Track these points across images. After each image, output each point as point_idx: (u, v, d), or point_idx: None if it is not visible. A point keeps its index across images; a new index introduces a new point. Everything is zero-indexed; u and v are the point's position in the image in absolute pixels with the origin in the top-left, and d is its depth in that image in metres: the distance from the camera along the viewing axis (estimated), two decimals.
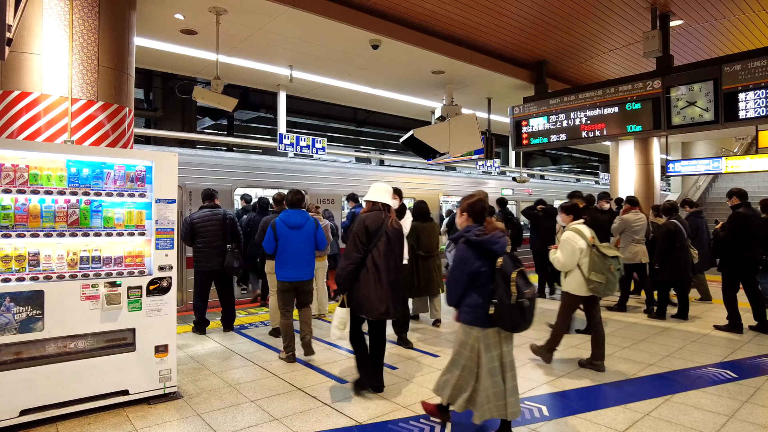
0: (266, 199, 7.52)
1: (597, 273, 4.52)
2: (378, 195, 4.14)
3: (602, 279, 4.51)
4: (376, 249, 3.90)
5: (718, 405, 3.91)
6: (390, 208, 4.12)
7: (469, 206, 3.31)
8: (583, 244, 4.61)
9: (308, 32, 6.74)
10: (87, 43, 4.54)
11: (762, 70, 5.98)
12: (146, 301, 3.93)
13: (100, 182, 3.85)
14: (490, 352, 3.19)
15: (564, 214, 4.96)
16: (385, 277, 3.89)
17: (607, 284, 4.53)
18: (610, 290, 4.61)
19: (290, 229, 4.98)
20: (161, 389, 3.97)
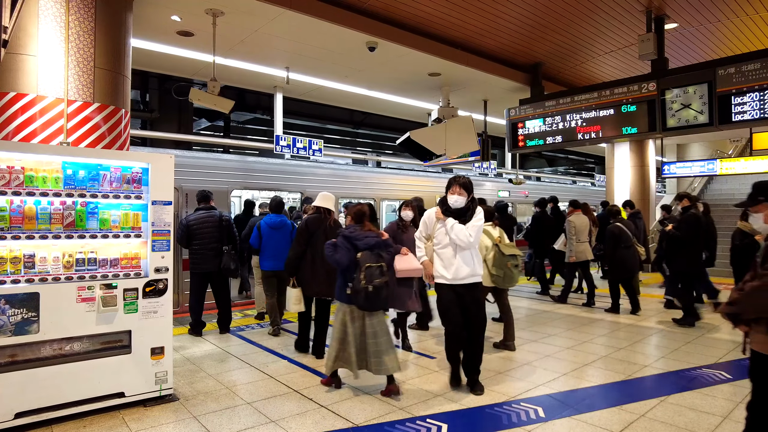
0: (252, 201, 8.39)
1: (497, 268, 5.23)
2: (322, 202, 5.19)
3: (501, 273, 5.24)
4: (314, 244, 4.95)
5: (712, 406, 3.93)
6: (330, 211, 5.16)
7: (353, 213, 4.36)
8: (489, 243, 5.33)
9: (305, 34, 6.74)
10: (83, 45, 4.53)
11: (755, 73, 6.02)
12: (142, 303, 3.92)
13: (96, 184, 3.84)
14: (354, 323, 4.11)
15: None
16: (320, 266, 4.91)
17: (504, 278, 5.26)
18: (508, 283, 5.33)
19: (271, 229, 6.16)
20: (157, 391, 3.96)
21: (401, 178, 11.39)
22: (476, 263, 4.19)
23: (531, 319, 7.22)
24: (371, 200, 10.75)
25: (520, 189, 14.09)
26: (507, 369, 4.87)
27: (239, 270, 6.44)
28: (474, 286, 4.17)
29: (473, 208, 4.15)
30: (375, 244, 4.13)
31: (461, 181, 4.14)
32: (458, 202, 4.12)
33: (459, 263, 4.10)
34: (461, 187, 4.12)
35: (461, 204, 4.12)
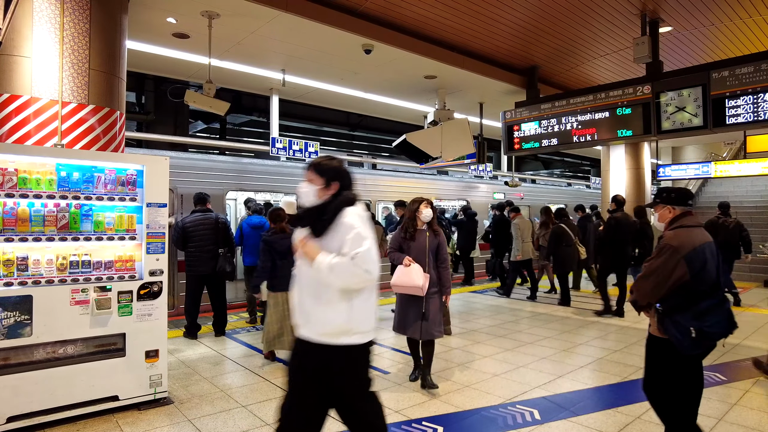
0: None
1: None
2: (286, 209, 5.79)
3: None
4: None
5: (707, 408, 3.94)
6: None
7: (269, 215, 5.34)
8: None
9: (301, 36, 6.74)
10: (78, 47, 4.51)
11: (749, 76, 6.06)
12: (137, 306, 3.90)
13: (91, 186, 3.82)
14: (277, 307, 5.05)
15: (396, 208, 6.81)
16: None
17: None
18: None
19: (252, 228, 6.77)
20: (152, 395, 3.94)
21: (397, 181, 11.39)
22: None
23: (527, 321, 7.23)
24: (367, 202, 10.75)
25: (516, 191, 14.12)
26: (503, 371, 4.87)
27: (235, 273, 6.42)
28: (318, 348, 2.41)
29: (333, 208, 2.39)
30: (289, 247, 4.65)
31: (315, 163, 2.50)
32: (308, 197, 2.45)
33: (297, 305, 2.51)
34: (314, 170, 2.46)
35: (311, 200, 2.45)
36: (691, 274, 2.70)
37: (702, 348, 2.73)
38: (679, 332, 2.69)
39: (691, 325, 2.67)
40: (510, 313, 7.79)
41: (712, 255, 2.80)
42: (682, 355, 2.72)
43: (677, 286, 2.73)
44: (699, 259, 2.73)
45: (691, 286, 2.73)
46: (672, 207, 2.97)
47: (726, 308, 2.78)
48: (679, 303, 2.75)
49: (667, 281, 2.74)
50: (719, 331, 2.72)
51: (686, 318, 2.70)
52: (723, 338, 2.75)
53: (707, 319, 2.68)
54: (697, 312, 2.70)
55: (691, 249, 2.73)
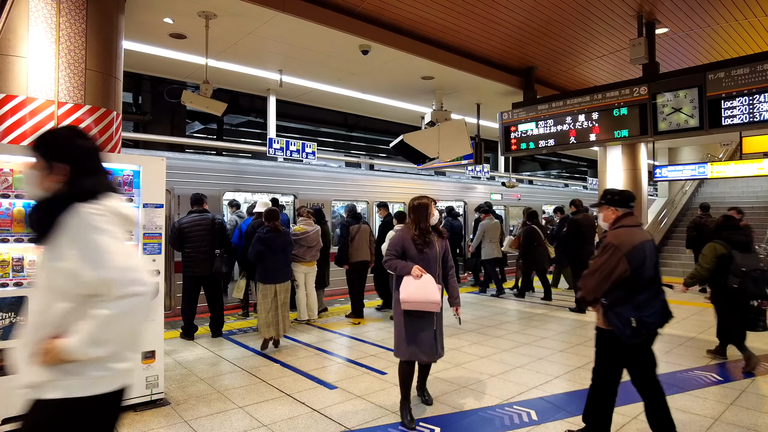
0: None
1: None
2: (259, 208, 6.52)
3: None
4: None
5: (704, 408, 3.95)
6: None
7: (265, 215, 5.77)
8: None
9: (298, 37, 6.74)
10: (74, 47, 4.49)
11: (745, 77, 6.08)
12: None
13: None
14: (266, 298, 5.57)
15: (396, 220, 6.89)
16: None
17: None
18: None
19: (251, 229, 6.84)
20: (148, 396, 3.93)
21: (394, 181, 11.40)
22: None
23: (524, 322, 7.24)
24: (364, 202, 10.75)
25: (513, 192, 14.14)
26: (500, 372, 4.87)
27: (232, 273, 6.41)
28: None
29: (57, 204, 1.74)
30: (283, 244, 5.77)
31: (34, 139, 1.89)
32: (31, 188, 1.83)
33: None
34: (33, 148, 1.82)
35: (34, 192, 1.81)
36: (632, 269, 2.98)
37: (641, 337, 3.01)
38: (621, 323, 2.99)
39: (631, 316, 2.97)
40: (507, 314, 7.80)
41: (650, 252, 3.08)
42: (625, 344, 3.03)
43: (619, 281, 3.00)
44: (638, 256, 3.00)
45: (631, 281, 3.00)
46: (615, 208, 3.23)
47: (661, 299, 3.08)
48: (620, 296, 3.02)
49: (611, 277, 3.01)
50: (656, 320, 3.03)
51: (627, 309, 2.99)
52: (660, 327, 3.07)
53: (645, 310, 2.98)
54: (636, 304, 2.99)
55: (632, 247, 3.00)
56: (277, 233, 5.70)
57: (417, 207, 3.80)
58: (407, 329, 3.67)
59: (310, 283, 7.09)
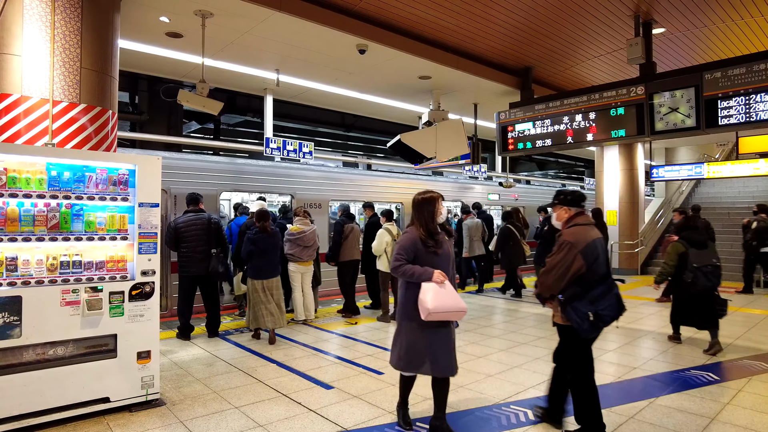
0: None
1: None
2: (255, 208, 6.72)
3: None
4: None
5: (700, 407, 3.95)
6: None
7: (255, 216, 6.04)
8: (389, 238, 6.98)
9: (295, 36, 6.72)
10: (69, 45, 4.47)
11: (741, 77, 6.08)
12: (128, 307, 3.87)
13: (82, 185, 3.79)
14: (255, 293, 5.90)
15: (384, 218, 7.25)
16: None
17: None
18: None
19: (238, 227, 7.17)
20: (143, 396, 3.90)
21: (392, 181, 11.38)
22: None
23: (521, 322, 7.24)
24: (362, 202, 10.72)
25: (510, 192, 14.14)
26: (497, 372, 4.87)
27: (228, 273, 6.38)
28: None
29: None
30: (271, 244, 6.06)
31: None
32: None
33: None
34: None
35: None
36: (587, 265, 3.13)
37: (599, 330, 3.19)
38: (579, 317, 3.12)
39: (588, 310, 3.11)
40: (504, 314, 7.80)
41: (602, 249, 3.25)
42: (582, 338, 3.19)
43: (576, 277, 3.14)
44: (592, 252, 3.16)
45: (586, 277, 3.15)
46: (568, 208, 3.39)
47: (615, 293, 3.22)
48: (577, 292, 3.16)
49: (568, 273, 3.15)
50: (611, 313, 3.16)
51: (584, 304, 3.13)
52: (614, 320, 3.20)
53: (601, 304, 3.13)
54: (592, 298, 3.13)
55: (586, 244, 3.16)
56: (266, 234, 5.99)
57: (422, 203, 3.38)
58: (424, 342, 3.30)
59: (307, 283, 7.07)
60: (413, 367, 3.37)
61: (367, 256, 7.70)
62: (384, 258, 7.05)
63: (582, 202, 3.42)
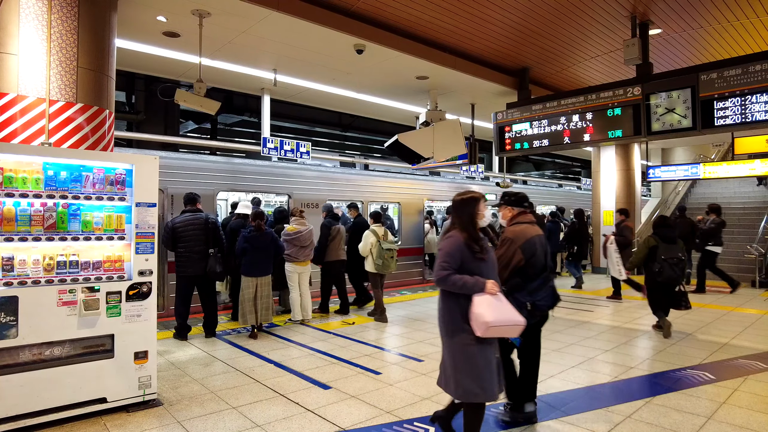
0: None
1: (378, 258, 7.00)
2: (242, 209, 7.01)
3: (380, 262, 6.99)
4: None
5: (696, 406, 3.97)
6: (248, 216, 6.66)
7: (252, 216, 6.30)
8: (374, 239, 7.08)
9: (292, 36, 6.72)
10: (66, 44, 4.45)
11: (737, 78, 6.12)
12: (125, 307, 3.86)
13: (79, 185, 3.78)
14: (248, 289, 6.13)
15: (372, 220, 7.40)
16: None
17: (383, 265, 7.02)
18: (387, 269, 7.08)
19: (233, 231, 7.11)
20: (140, 396, 3.89)
21: (389, 181, 11.38)
22: None
23: None
24: (359, 202, 10.73)
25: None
26: None
27: (225, 273, 6.37)
28: None
29: None
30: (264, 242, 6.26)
31: None
32: None
33: None
34: None
35: None
36: (526, 259, 3.43)
37: (536, 318, 3.51)
38: (518, 306, 3.26)
39: (527, 300, 3.44)
40: None
41: (541, 245, 3.53)
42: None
43: (516, 269, 3.44)
44: (530, 248, 3.46)
45: (525, 270, 3.45)
46: (512, 208, 3.70)
47: (550, 285, 3.56)
48: (517, 283, 3.47)
49: (509, 266, 3.44)
50: (547, 303, 3.52)
51: (523, 295, 3.45)
52: (550, 309, 3.58)
53: (537, 295, 3.47)
54: (530, 290, 3.46)
55: (525, 240, 3.46)
56: (260, 233, 6.22)
57: (461, 204, 3.08)
58: (480, 362, 2.90)
59: (304, 283, 7.07)
60: (474, 395, 2.89)
61: (352, 257, 7.76)
62: (370, 259, 7.14)
63: (524, 202, 3.72)
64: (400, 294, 9.65)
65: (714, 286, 10.35)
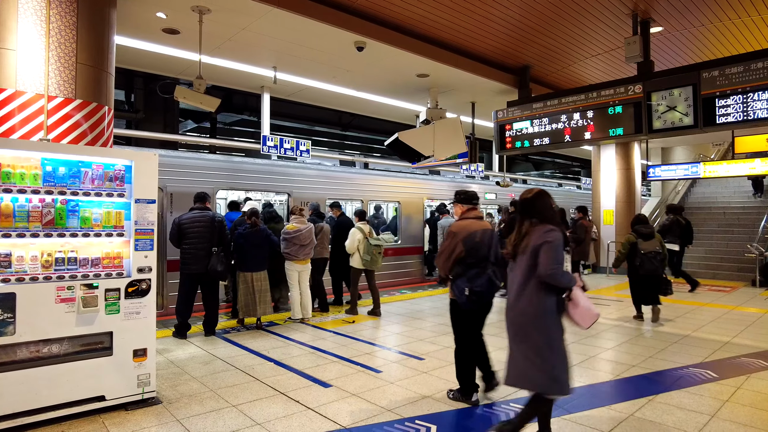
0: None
1: (365, 254, 7.13)
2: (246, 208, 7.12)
3: (368, 258, 7.16)
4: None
5: (700, 404, 3.94)
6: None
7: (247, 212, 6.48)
8: (360, 236, 7.20)
9: (292, 33, 6.69)
10: (64, 40, 4.42)
11: (738, 76, 6.10)
12: (124, 304, 3.82)
13: (77, 181, 3.74)
14: (244, 284, 6.35)
15: (357, 218, 7.54)
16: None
17: (371, 261, 7.16)
18: (373, 265, 7.23)
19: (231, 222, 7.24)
20: (139, 394, 3.86)
21: (389, 180, 11.35)
22: None
23: None
24: (359, 201, 10.70)
25: (507, 191, 14.14)
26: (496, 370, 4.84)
27: (228, 272, 6.35)
28: None
29: None
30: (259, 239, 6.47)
31: None
32: None
33: None
34: None
35: None
36: (466, 251, 3.84)
37: (474, 304, 3.84)
38: (459, 292, 3.84)
39: (465, 286, 3.81)
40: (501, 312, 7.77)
41: (481, 238, 3.90)
42: (463, 309, 3.90)
43: (458, 259, 3.87)
44: (471, 241, 3.86)
45: (465, 260, 3.86)
46: (462, 205, 4.13)
47: (487, 275, 3.87)
48: (459, 272, 3.88)
49: (451, 256, 3.90)
50: (484, 290, 3.82)
51: (463, 282, 3.84)
52: (488, 296, 3.88)
53: (476, 282, 3.81)
54: (469, 277, 3.83)
55: (466, 234, 3.88)
56: (255, 230, 6.43)
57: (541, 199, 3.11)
58: (565, 352, 3.07)
59: (304, 282, 7.03)
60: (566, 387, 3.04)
61: (336, 255, 7.78)
62: (357, 256, 7.29)
63: (473, 200, 4.16)
64: (400, 293, 9.61)
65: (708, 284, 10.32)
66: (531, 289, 3.01)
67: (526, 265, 3.01)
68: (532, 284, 3.00)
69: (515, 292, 3.09)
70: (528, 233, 3.05)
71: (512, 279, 3.15)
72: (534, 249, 2.97)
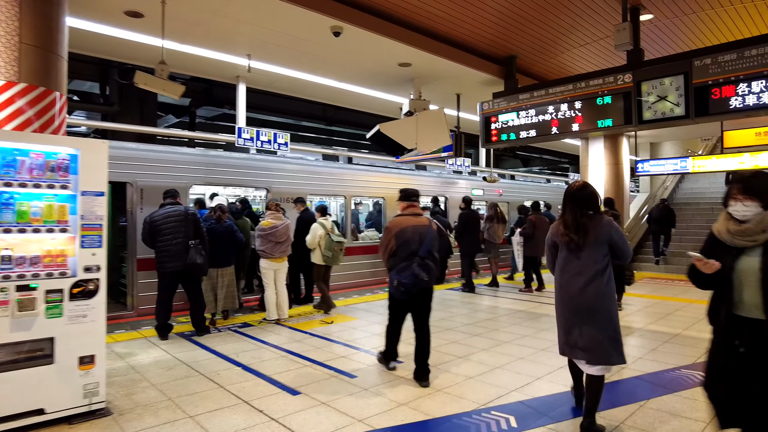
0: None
1: (327, 250, 7.08)
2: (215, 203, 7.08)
3: (330, 254, 7.09)
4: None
5: (694, 410, 3.68)
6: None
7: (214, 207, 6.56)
8: (322, 232, 7.12)
9: (266, 17, 6.31)
10: (5, 17, 4.03)
11: (732, 63, 5.85)
12: (68, 307, 3.47)
13: (12, 171, 3.37)
14: (209, 279, 6.30)
15: (319, 214, 7.42)
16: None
17: (332, 257, 7.14)
18: (335, 262, 7.22)
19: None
20: (86, 406, 3.51)
21: (373, 175, 11.02)
22: None
23: (505, 319, 6.94)
24: (342, 197, 10.37)
25: (494, 187, 13.88)
26: (478, 373, 4.55)
27: (207, 266, 5.99)
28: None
29: None
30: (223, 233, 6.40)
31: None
32: None
33: None
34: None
35: None
36: (397, 245, 4.26)
37: (403, 294, 4.22)
38: (390, 282, 4.28)
39: (395, 278, 4.20)
40: (487, 311, 7.50)
41: (413, 234, 4.28)
42: (395, 298, 4.36)
43: (392, 252, 4.29)
44: (402, 236, 4.27)
45: (397, 254, 4.26)
46: (401, 201, 4.55)
47: (413, 269, 4.16)
48: (392, 264, 4.30)
49: (386, 250, 4.32)
50: (409, 282, 4.15)
51: (393, 274, 4.24)
52: (414, 288, 4.18)
53: (402, 275, 4.17)
54: (398, 269, 4.21)
55: (399, 230, 4.29)
56: (218, 224, 6.40)
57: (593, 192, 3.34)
58: None
59: (280, 281, 6.69)
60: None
61: (297, 251, 7.36)
62: (318, 251, 7.15)
63: (411, 197, 4.54)
64: (383, 291, 9.30)
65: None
66: (608, 273, 3.22)
67: (598, 253, 3.20)
68: (607, 269, 3.22)
69: (588, 277, 3.19)
70: (590, 224, 3.22)
71: (578, 267, 3.24)
72: (605, 238, 3.20)
